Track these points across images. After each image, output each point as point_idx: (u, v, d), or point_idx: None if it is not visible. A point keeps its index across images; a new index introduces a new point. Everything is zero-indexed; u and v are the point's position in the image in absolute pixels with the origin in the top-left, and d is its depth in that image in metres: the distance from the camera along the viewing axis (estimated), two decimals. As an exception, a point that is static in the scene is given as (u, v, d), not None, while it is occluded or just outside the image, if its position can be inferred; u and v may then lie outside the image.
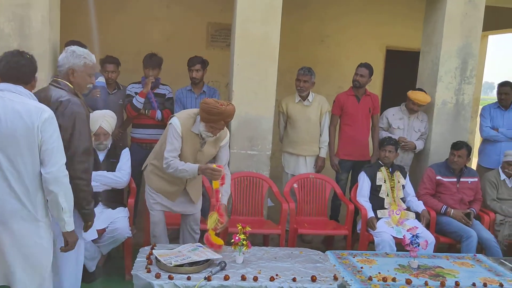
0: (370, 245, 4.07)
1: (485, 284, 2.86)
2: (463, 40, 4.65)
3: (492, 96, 22.54)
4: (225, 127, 3.37)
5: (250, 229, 2.95)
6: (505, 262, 3.33)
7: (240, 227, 2.93)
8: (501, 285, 2.87)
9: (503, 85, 4.97)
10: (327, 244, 4.53)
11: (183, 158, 3.29)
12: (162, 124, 4.56)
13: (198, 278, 2.62)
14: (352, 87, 4.71)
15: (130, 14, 6.38)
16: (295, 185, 4.46)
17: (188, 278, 2.61)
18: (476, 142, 6.79)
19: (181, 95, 4.43)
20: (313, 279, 2.73)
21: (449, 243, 4.33)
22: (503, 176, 4.50)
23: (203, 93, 4.46)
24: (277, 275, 2.76)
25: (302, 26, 7.15)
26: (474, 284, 2.85)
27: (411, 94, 4.60)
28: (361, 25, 7.36)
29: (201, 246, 3.03)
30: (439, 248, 4.29)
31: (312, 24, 7.22)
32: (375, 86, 7.48)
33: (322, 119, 4.64)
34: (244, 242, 2.91)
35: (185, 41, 6.44)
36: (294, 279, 2.71)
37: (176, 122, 3.28)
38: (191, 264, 2.76)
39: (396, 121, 4.70)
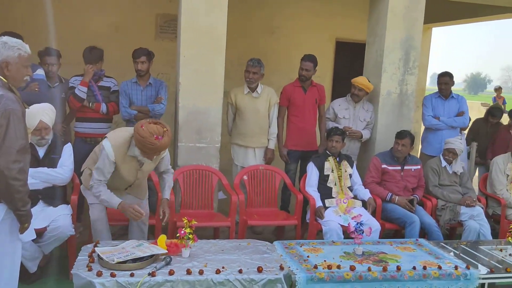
0: (320, 233, 4.14)
1: (424, 267, 2.97)
2: (406, 32, 4.79)
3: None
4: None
5: (196, 222, 2.91)
6: (445, 245, 3.48)
7: (185, 221, 2.89)
8: (439, 267, 2.99)
9: (443, 76, 5.16)
10: (277, 234, 4.57)
11: (122, 178, 3.29)
12: (107, 118, 4.45)
13: (142, 275, 2.57)
14: (298, 78, 4.76)
15: (74, 4, 6.14)
16: (245, 177, 4.47)
17: (132, 275, 2.56)
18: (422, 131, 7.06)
19: (126, 87, 4.32)
20: (259, 270, 2.74)
21: (394, 229, 4.47)
22: (444, 163, 4.68)
23: (149, 85, 4.36)
24: (223, 267, 2.75)
25: (251, 17, 7.14)
26: (414, 268, 2.95)
27: (354, 80, 4.72)
28: (311, 16, 7.44)
29: (146, 242, 2.98)
30: (385, 234, 4.43)
31: (261, 15, 7.22)
32: (325, 77, 7.60)
33: (270, 111, 4.66)
34: (190, 236, 2.88)
35: (133, 32, 6.28)
36: (240, 271, 2.71)
37: (108, 148, 3.17)
38: (135, 260, 2.70)
39: (342, 111, 4.79)
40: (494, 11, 6.38)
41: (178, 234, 2.88)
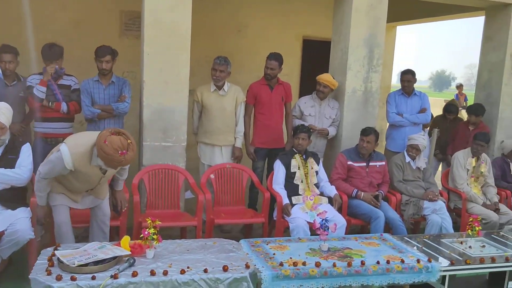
0: (287, 231, 4.15)
1: (388, 261, 3.02)
2: (370, 30, 4.86)
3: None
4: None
5: (160, 222, 2.87)
6: (408, 239, 3.54)
7: (149, 221, 2.85)
8: (402, 261, 3.05)
9: (406, 73, 5.27)
10: (245, 232, 4.56)
11: (83, 183, 3.27)
12: (69, 117, 4.33)
13: (104, 277, 2.51)
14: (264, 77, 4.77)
15: (33, -1, 5.95)
16: (212, 176, 4.44)
17: (93, 278, 2.49)
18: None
19: (87, 86, 4.21)
20: (225, 268, 2.73)
21: (361, 225, 4.54)
22: (408, 159, 4.78)
23: (112, 84, 4.27)
24: (188, 267, 2.72)
25: (218, 15, 7.10)
26: (378, 262, 3.00)
27: (318, 77, 4.76)
28: (278, 14, 7.46)
29: (109, 244, 2.91)
30: (352, 230, 4.49)
31: (228, 13, 7.19)
32: (293, 75, 7.65)
33: (237, 109, 4.64)
34: (155, 236, 2.83)
35: (95, 29, 6.14)
36: (205, 270, 2.69)
37: (66, 156, 3.03)
38: (97, 262, 2.64)
39: (308, 108, 4.83)
40: (455, 10, 6.56)
41: (142, 235, 2.84)
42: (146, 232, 2.81)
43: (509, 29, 5.40)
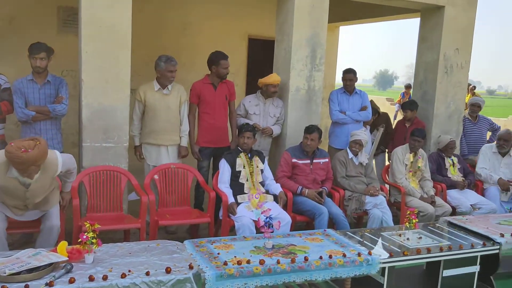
0: (233, 230, 4.15)
1: (330, 256, 3.08)
2: (312, 30, 4.95)
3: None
4: (56, 154, 3.21)
5: (99, 226, 2.78)
6: (350, 234, 3.64)
7: (88, 225, 2.75)
8: (344, 255, 3.13)
9: (348, 72, 5.41)
10: (191, 233, 4.52)
11: (11, 199, 3.16)
12: (0, 118, 4.09)
13: (38, 285, 2.39)
14: (208, 75, 4.73)
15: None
16: (156, 176, 4.36)
17: (26, 287, 2.37)
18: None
19: (20, 85, 3.99)
20: (168, 270, 2.68)
21: (306, 221, 4.62)
22: (351, 155, 4.91)
23: (47, 83, 4.08)
24: (129, 271, 2.64)
25: (163, 13, 6.99)
26: (321, 257, 3.05)
27: (268, 79, 4.82)
28: (224, 13, 7.45)
29: (44, 250, 2.78)
30: (298, 227, 4.56)
31: (173, 11, 7.09)
32: (239, 74, 7.66)
33: (181, 108, 4.58)
34: (94, 241, 2.74)
35: (32, 26, 5.86)
36: (147, 273, 2.63)
37: None
38: (31, 270, 2.51)
39: (253, 107, 4.85)
40: (394, 11, 6.82)
41: (80, 239, 2.73)
42: (84, 237, 2.71)
43: (442, 30, 5.68)
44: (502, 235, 3.68)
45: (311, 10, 4.90)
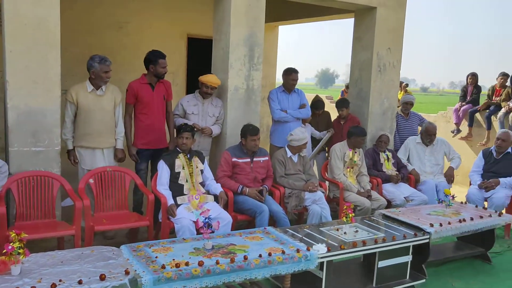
0: (173, 232, 4.08)
1: (270, 254, 3.10)
2: (249, 30, 4.96)
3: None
4: None
5: (26, 235, 2.63)
6: (291, 230, 3.68)
7: (13, 235, 2.59)
8: (283, 252, 3.16)
9: (294, 72, 5.53)
10: (130, 237, 4.40)
11: None
12: None
13: (-43, 302, 2.24)
14: (145, 74, 4.63)
15: None
16: (91, 180, 4.19)
17: None
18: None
19: None
20: (102, 277, 2.58)
21: (248, 220, 4.62)
22: (289, 154, 4.98)
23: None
24: (60, 280, 2.52)
25: (97, 10, 6.75)
26: (260, 255, 3.07)
27: (203, 78, 4.77)
28: (161, 12, 7.32)
29: (-35, 263, 2.59)
30: (239, 226, 4.56)
31: (108, 9, 6.87)
32: (179, 73, 7.56)
33: (116, 109, 4.44)
34: (21, 251, 2.59)
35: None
36: (80, 282, 2.52)
37: None
38: (-51, 286, 2.34)
39: (191, 107, 4.80)
40: (330, 12, 6.99)
41: (4, 250, 2.57)
42: (9, 247, 2.56)
43: (375, 30, 5.90)
44: (431, 225, 3.88)
45: (247, 9, 4.91)
